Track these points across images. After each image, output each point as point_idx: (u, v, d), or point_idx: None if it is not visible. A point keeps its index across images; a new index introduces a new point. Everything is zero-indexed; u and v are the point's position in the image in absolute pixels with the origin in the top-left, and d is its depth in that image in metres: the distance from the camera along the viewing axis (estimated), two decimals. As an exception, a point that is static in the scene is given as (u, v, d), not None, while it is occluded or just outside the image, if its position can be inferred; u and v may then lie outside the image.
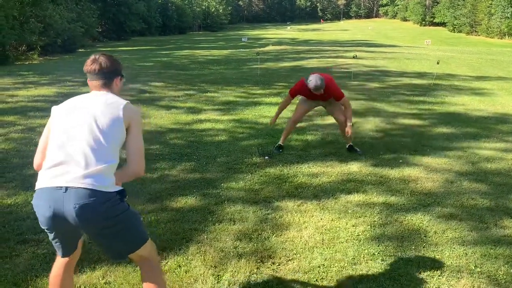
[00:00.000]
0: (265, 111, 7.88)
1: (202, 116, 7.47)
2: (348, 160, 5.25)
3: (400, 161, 5.26)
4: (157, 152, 5.53)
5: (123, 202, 2.10)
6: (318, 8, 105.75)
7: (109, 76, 2.25)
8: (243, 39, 34.03)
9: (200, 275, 2.92)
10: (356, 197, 4.20)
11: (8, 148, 5.52)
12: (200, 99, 8.94)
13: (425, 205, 4.06)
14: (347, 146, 5.62)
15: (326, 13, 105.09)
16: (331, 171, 4.92)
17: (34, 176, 4.67)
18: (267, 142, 5.91)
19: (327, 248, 3.28)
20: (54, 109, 2.21)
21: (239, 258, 3.12)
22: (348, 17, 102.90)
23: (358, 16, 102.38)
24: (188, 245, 3.30)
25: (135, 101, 8.55)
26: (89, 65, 2.23)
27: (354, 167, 5.02)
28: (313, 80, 5.06)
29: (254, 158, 5.29)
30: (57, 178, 2.00)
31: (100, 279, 2.87)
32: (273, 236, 3.45)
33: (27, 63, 22.19)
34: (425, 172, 4.92)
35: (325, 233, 3.50)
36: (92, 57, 2.26)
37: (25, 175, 4.64)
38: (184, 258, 3.11)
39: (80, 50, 32.18)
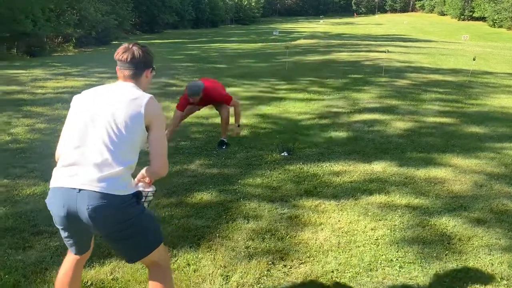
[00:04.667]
0: (289, 107, 7.74)
1: (225, 110, 7.39)
2: (372, 159, 5.06)
3: (427, 161, 5.03)
4: (177, 146, 5.50)
5: (139, 204, 2.04)
6: (352, 2, 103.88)
7: (139, 67, 2.15)
8: (274, 33, 33.83)
9: (209, 275, 2.85)
10: (377, 198, 4.03)
11: (33, 138, 5.61)
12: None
13: (451, 209, 3.85)
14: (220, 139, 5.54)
15: (361, 6, 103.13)
16: (353, 170, 4.75)
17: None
18: (289, 138, 5.78)
19: (342, 252, 3.14)
20: (75, 98, 2.14)
21: (249, 258, 3.03)
22: (383, 11, 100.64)
23: (393, 10, 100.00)
24: (199, 242, 3.23)
25: (161, 94, 8.58)
26: (121, 53, 2.13)
27: (378, 167, 4.84)
28: (191, 86, 5.13)
29: (274, 155, 5.17)
30: (71, 178, 1.95)
31: (108, 275, 2.83)
32: (287, 237, 3.34)
33: (62, 54, 22.75)
34: (453, 173, 4.68)
35: (342, 236, 3.36)
36: (125, 45, 2.16)
37: (46, 166, 4.66)
38: (194, 257, 3.04)
39: (114, 42, 32.76)
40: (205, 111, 7.32)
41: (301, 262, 3.01)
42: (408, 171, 4.74)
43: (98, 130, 1.98)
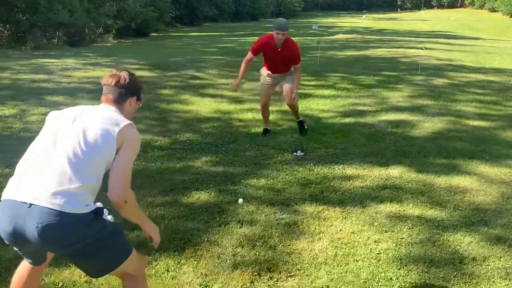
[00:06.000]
0: (312, 104, 7.42)
1: (245, 106, 7.18)
2: (390, 163, 4.71)
3: (451, 168, 4.62)
4: (187, 141, 5.34)
5: (99, 221, 1.85)
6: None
7: (124, 93, 2.08)
8: (313, 27, 33.14)
9: (187, 283, 2.65)
10: (387, 207, 3.70)
11: (46, 128, 5.60)
12: (249, 88, 8.63)
13: (469, 223, 3.47)
14: (297, 121, 5.71)
15: (406, 2, 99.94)
16: (367, 174, 4.42)
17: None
18: (305, 137, 5.49)
19: (337, 266, 2.86)
20: (50, 115, 2.03)
21: (234, 268, 2.81)
22: (430, 6, 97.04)
23: (440, 6, 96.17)
24: (184, 247, 3.04)
25: (183, 87, 8.47)
26: (107, 78, 2.10)
27: (395, 172, 4.48)
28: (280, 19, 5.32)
29: (285, 154, 4.91)
30: (24, 191, 1.78)
31: (82, 277, 2.68)
32: (280, 245, 3.09)
33: (101, 45, 23.18)
34: (477, 183, 4.26)
35: (340, 247, 3.08)
36: (113, 71, 2.13)
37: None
38: (176, 262, 2.85)
39: (153, 34, 33.17)
40: (228, 106, 7.14)
41: (289, 275, 2.76)
42: (427, 177, 4.36)
43: (65, 145, 1.85)
